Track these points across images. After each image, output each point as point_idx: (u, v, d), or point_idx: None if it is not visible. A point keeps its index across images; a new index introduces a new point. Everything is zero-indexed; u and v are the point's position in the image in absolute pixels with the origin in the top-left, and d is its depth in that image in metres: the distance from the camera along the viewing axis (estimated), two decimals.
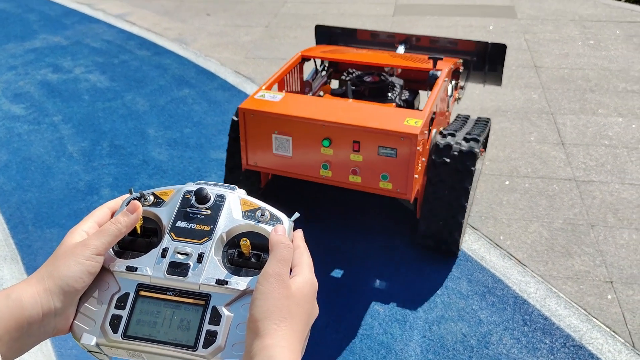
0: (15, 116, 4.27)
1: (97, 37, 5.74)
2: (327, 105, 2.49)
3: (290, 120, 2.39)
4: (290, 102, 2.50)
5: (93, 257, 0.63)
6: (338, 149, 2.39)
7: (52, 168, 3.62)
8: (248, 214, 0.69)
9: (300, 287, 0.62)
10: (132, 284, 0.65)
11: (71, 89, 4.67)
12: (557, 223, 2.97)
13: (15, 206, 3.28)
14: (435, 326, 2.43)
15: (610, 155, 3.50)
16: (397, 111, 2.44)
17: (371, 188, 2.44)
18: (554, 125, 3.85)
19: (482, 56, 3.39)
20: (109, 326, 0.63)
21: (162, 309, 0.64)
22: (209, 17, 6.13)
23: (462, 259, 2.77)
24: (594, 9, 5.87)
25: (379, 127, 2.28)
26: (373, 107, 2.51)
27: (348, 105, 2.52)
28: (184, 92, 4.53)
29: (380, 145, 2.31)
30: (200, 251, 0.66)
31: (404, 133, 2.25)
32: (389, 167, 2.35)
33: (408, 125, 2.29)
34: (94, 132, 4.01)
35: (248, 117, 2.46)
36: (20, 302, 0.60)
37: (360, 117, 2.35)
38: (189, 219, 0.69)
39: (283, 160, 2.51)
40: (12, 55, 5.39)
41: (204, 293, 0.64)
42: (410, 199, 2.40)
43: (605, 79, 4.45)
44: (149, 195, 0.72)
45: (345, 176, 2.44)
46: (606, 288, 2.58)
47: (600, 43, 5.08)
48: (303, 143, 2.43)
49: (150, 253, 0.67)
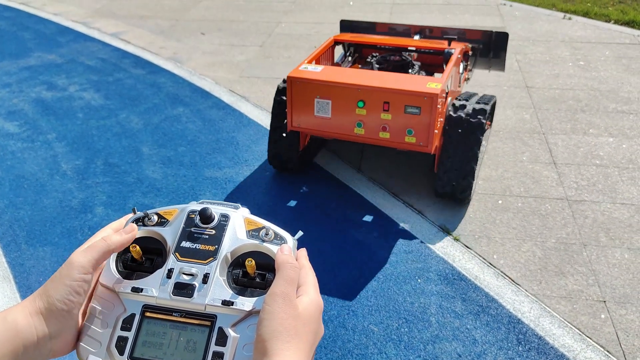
0: (9, 134, 4.26)
1: (92, 55, 5.77)
2: (361, 74, 3.01)
3: (330, 86, 2.91)
4: (330, 72, 3.03)
5: (79, 277, 0.62)
6: (370, 109, 2.89)
7: (46, 186, 3.60)
8: (252, 234, 0.69)
9: (306, 307, 0.62)
10: (138, 305, 0.65)
11: (65, 106, 4.67)
12: (550, 242, 2.99)
13: (7, 224, 3.26)
14: (430, 346, 2.42)
15: (601, 175, 3.54)
16: (420, 77, 2.97)
17: (398, 143, 2.93)
18: (546, 145, 3.89)
19: (487, 44, 3.88)
20: (114, 348, 0.63)
21: (168, 330, 0.64)
22: (203, 37, 6.18)
23: (456, 278, 2.78)
24: (584, 31, 5.96)
25: (406, 89, 2.79)
26: (399, 74, 3.01)
27: (378, 74, 3.04)
28: (178, 111, 4.54)
29: (406, 105, 2.81)
30: (206, 272, 0.66)
31: (426, 93, 2.76)
32: (414, 123, 2.84)
33: (430, 87, 2.81)
34: (88, 150, 4.01)
35: (295, 85, 2.96)
36: (16, 325, 0.59)
37: (389, 82, 2.87)
38: (193, 239, 0.69)
39: (323, 121, 3.01)
40: (7, 72, 5.39)
41: (209, 314, 0.64)
42: (431, 151, 2.89)
43: (596, 99, 4.52)
44: (152, 214, 0.72)
45: (376, 133, 2.94)
46: (599, 307, 2.59)
47: (590, 64, 5.16)
48: (340, 105, 2.94)
49: (155, 274, 0.67)
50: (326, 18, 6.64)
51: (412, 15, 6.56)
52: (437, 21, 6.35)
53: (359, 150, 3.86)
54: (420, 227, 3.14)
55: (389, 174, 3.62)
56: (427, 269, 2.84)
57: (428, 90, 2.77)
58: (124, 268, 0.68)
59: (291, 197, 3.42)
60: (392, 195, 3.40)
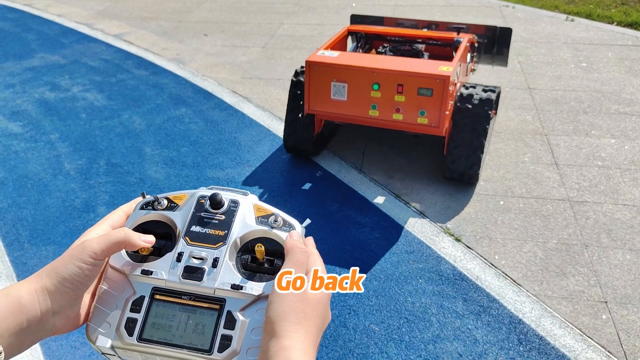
0: (12, 134, 4.28)
1: (95, 56, 5.79)
2: (376, 58, 3.19)
3: (346, 69, 3.06)
4: (346, 56, 3.18)
5: (90, 261, 0.62)
6: (385, 91, 3.04)
7: (49, 186, 3.62)
8: (261, 220, 0.70)
9: (315, 292, 0.63)
10: (147, 288, 0.66)
11: (68, 107, 4.69)
12: (551, 243, 2.99)
13: (11, 223, 3.27)
14: (431, 345, 2.43)
15: (603, 176, 3.54)
16: (432, 61, 3.13)
17: (410, 125, 3.07)
18: (548, 146, 3.89)
19: (491, 39, 3.97)
20: (124, 329, 0.64)
21: (177, 312, 0.64)
22: (206, 38, 6.19)
23: (458, 278, 2.78)
24: (586, 32, 5.97)
25: (419, 72, 2.94)
26: (412, 59, 3.17)
27: (392, 58, 3.21)
28: (180, 111, 4.56)
29: (419, 87, 2.95)
30: (215, 256, 0.66)
31: (439, 75, 2.92)
32: (426, 105, 2.98)
33: (442, 70, 2.96)
34: (90, 150, 4.03)
35: (312, 69, 3.11)
36: (19, 300, 0.60)
37: (403, 65, 3.03)
38: (203, 223, 0.69)
39: (339, 104, 3.16)
40: (10, 73, 5.42)
41: (218, 297, 0.65)
42: (442, 132, 3.03)
43: (598, 100, 4.52)
44: (162, 199, 0.72)
45: (390, 114, 3.07)
46: (601, 308, 2.59)
47: (592, 65, 5.16)
48: (356, 88, 3.08)
49: (165, 257, 0.67)
50: (329, 19, 6.65)
51: (414, 17, 6.57)
52: None
53: (361, 152, 3.87)
54: (422, 227, 3.14)
55: (390, 174, 3.62)
56: (428, 269, 2.85)
57: (440, 72, 2.91)
58: (134, 251, 0.69)
59: (292, 196, 3.43)
60: (394, 196, 3.41)
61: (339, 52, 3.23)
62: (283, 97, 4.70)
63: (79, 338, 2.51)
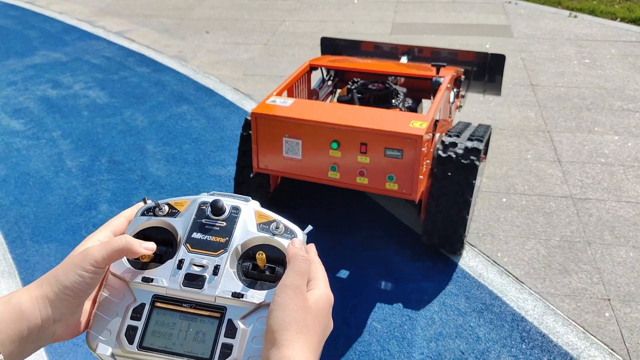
0: (14, 131, 4.28)
1: (97, 53, 5.78)
2: (335, 109, 2.60)
3: (300, 124, 2.50)
4: (300, 106, 2.61)
5: (91, 269, 0.62)
6: (346, 151, 2.49)
7: (51, 183, 3.62)
8: (263, 227, 0.69)
9: (317, 301, 0.62)
10: (148, 295, 0.65)
11: (70, 104, 4.69)
12: (554, 240, 2.98)
13: (13, 221, 3.28)
14: (433, 343, 2.42)
15: (606, 173, 3.53)
16: (402, 114, 2.55)
17: (378, 189, 2.52)
18: (551, 143, 3.88)
19: (482, 66, 3.52)
20: (124, 337, 0.63)
21: (177, 320, 0.64)
22: (208, 35, 6.19)
23: (460, 276, 2.77)
24: (590, 29, 5.94)
25: (385, 129, 2.38)
26: (379, 110, 2.59)
27: (355, 109, 2.62)
28: (182, 109, 4.55)
29: (386, 147, 2.41)
30: (216, 263, 0.66)
31: (409, 134, 2.35)
32: (395, 169, 2.44)
33: (413, 127, 2.40)
34: (92, 147, 4.02)
35: (260, 121, 2.56)
36: (20, 307, 0.60)
37: (367, 120, 2.46)
38: (204, 230, 0.69)
39: (293, 163, 2.61)
40: (12, 70, 5.42)
41: (219, 305, 0.64)
42: (416, 199, 2.48)
43: (601, 97, 4.50)
44: (163, 205, 0.72)
45: (353, 178, 2.53)
46: (604, 305, 2.58)
47: (595, 62, 5.14)
48: (312, 146, 2.53)
49: (166, 264, 0.67)
50: (330, 16, 6.63)
51: (416, 14, 6.55)
52: (441, 19, 6.34)
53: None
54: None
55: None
56: (430, 266, 2.84)
57: (411, 131, 2.36)
58: (135, 258, 0.68)
59: (295, 196, 3.43)
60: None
61: (293, 99, 2.67)
62: None
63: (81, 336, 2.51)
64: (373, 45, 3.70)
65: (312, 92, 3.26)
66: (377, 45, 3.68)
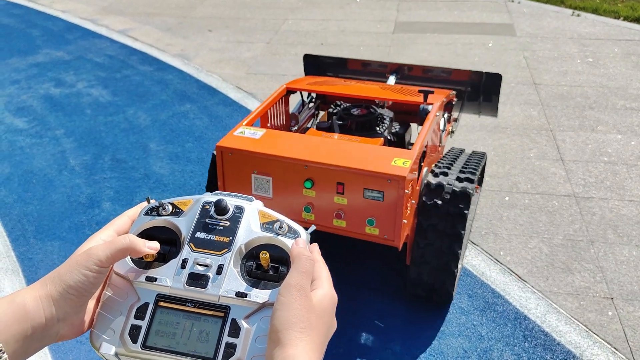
0: (17, 129, 4.29)
1: (100, 52, 5.79)
2: (310, 144, 2.27)
3: (270, 160, 2.19)
4: (271, 139, 2.30)
5: (95, 269, 0.62)
6: (321, 191, 2.18)
7: (54, 181, 3.63)
8: (266, 226, 0.69)
9: (321, 300, 0.62)
10: (152, 295, 0.65)
11: (73, 103, 4.70)
12: (557, 239, 2.98)
13: (16, 219, 3.28)
14: (435, 341, 2.42)
15: (609, 172, 3.52)
16: (385, 150, 2.22)
17: (356, 233, 2.23)
18: (554, 141, 3.88)
19: (477, 86, 3.25)
20: (128, 336, 0.63)
21: (181, 320, 0.64)
22: (210, 34, 6.19)
23: (463, 275, 2.77)
24: (593, 27, 5.93)
25: (364, 169, 2.08)
26: (359, 145, 2.27)
27: (332, 143, 2.29)
28: (185, 107, 4.56)
29: (366, 188, 2.12)
30: (220, 263, 0.66)
31: (391, 175, 2.05)
32: (376, 212, 2.15)
33: (396, 166, 2.09)
34: (95, 146, 4.03)
35: (226, 156, 2.26)
36: (24, 306, 0.60)
37: (344, 157, 2.15)
38: (208, 230, 0.69)
39: (263, 201, 2.12)
40: (16, 69, 5.43)
41: (223, 305, 0.64)
42: (399, 246, 2.18)
43: (604, 96, 4.49)
44: (167, 204, 0.72)
45: (329, 220, 2.24)
46: (607, 304, 2.58)
47: (598, 61, 5.13)
48: (284, 184, 2.23)
49: (169, 264, 0.67)
50: (333, 15, 6.63)
51: (419, 12, 6.55)
52: (444, 17, 6.33)
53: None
54: None
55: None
56: None
57: (393, 170, 2.05)
58: (139, 257, 0.68)
59: None
60: None
61: (264, 130, 2.35)
62: None
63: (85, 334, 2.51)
64: (360, 62, 3.39)
65: (291, 116, 2.96)
66: (365, 62, 3.38)
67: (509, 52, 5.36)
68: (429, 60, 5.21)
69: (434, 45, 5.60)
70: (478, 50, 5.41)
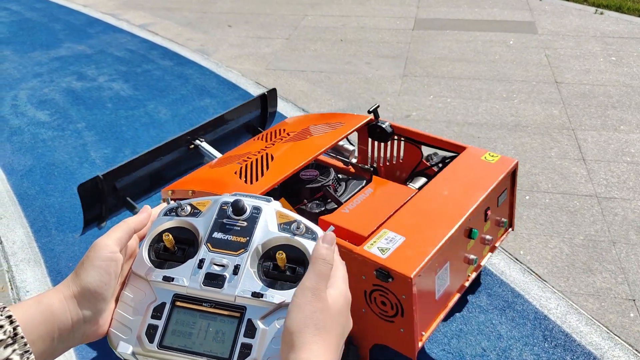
0: (40, 122, 4.35)
1: (121, 46, 5.84)
2: None
3: None
4: None
5: (105, 256, 0.62)
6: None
7: (75, 173, 3.67)
8: (284, 227, 0.69)
9: (336, 300, 0.61)
10: (169, 294, 0.66)
11: (95, 96, 4.74)
12: (578, 239, 2.95)
13: (39, 210, 3.33)
14: (454, 340, 2.41)
15: (632, 172, 3.47)
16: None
17: None
18: (575, 141, 3.83)
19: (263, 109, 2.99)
20: (145, 336, 0.64)
21: (197, 320, 0.64)
22: (230, 29, 6.21)
23: (482, 273, 2.75)
24: (616, 26, 5.84)
25: None
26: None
27: None
28: (205, 102, 4.58)
29: None
30: (237, 263, 0.66)
31: None
32: None
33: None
34: (116, 139, 4.07)
35: None
36: (51, 308, 0.60)
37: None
38: (225, 230, 0.69)
39: None
40: (38, 63, 5.50)
41: (239, 305, 0.64)
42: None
43: (627, 95, 4.42)
44: (186, 205, 0.72)
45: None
46: (628, 306, 2.55)
47: (622, 59, 5.05)
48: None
49: (186, 264, 0.67)
50: (353, 11, 6.61)
51: (439, 9, 6.50)
52: (465, 15, 6.28)
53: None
54: None
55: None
56: None
57: None
58: (156, 257, 0.69)
59: None
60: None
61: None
62: (306, 88, 4.69)
63: None
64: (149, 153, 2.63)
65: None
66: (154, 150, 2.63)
67: (530, 50, 5.30)
68: (449, 58, 5.18)
69: (454, 42, 5.56)
70: (499, 48, 5.36)
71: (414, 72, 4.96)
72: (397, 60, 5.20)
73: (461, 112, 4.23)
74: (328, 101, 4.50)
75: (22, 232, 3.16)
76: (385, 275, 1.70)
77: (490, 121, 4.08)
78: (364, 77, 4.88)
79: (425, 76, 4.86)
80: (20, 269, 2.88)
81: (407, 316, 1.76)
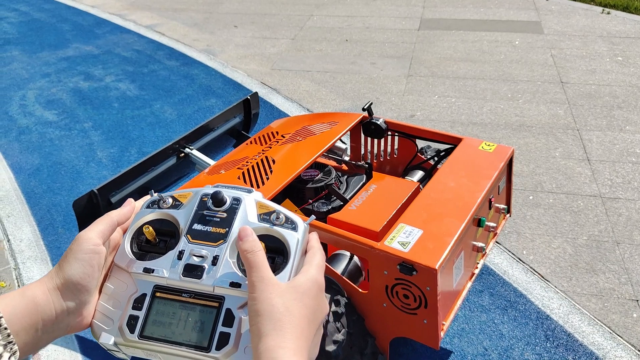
0: (47, 122, 4.39)
1: (128, 46, 5.88)
2: None
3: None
4: None
5: (88, 249, 0.63)
6: None
7: (82, 173, 3.71)
8: (263, 217, 0.70)
9: (299, 284, 0.62)
10: (149, 286, 0.67)
11: (102, 96, 4.78)
12: (581, 239, 2.95)
13: (45, 208, 3.37)
14: (456, 339, 2.42)
15: (637, 173, 3.46)
16: None
17: None
18: (580, 141, 3.82)
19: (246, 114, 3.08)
20: (126, 326, 0.65)
21: (177, 310, 0.65)
22: (236, 29, 6.24)
23: (484, 273, 2.76)
24: (623, 26, 5.82)
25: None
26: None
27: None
28: (210, 102, 4.60)
29: None
30: (216, 254, 0.67)
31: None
32: None
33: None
34: (122, 139, 4.10)
35: None
36: (35, 300, 0.61)
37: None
38: (205, 221, 0.70)
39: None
40: (46, 63, 5.54)
41: (218, 295, 0.65)
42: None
43: (634, 96, 4.41)
44: (167, 197, 0.73)
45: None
46: (631, 306, 2.55)
47: (628, 60, 5.04)
48: None
49: (167, 255, 0.68)
50: (358, 11, 6.62)
51: (445, 9, 6.50)
52: (470, 15, 6.28)
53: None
54: None
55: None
56: None
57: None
58: (139, 249, 0.70)
59: None
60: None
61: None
62: (311, 88, 4.71)
63: None
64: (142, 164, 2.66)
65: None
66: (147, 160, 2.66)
67: (535, 50, 5.29)
68: (454, 58, 5.18)
69: (459, 42, 5.56)
70: (504, 48, 5.36)
71: (419, 72, 4.96)
72: (402, 61, 5.20)
73: (465, 112, 4.24)
74: (333, 101, 4.51)
75: (29, 230, 3.19)
76: (410, 268, 1.72)
77: (495, 121, 4.08)
78: (369, 77, 4.89)
79: (430, 76, 4.87)
80: (27, 267, 2.92)
81: (430, 307, 1.78)
